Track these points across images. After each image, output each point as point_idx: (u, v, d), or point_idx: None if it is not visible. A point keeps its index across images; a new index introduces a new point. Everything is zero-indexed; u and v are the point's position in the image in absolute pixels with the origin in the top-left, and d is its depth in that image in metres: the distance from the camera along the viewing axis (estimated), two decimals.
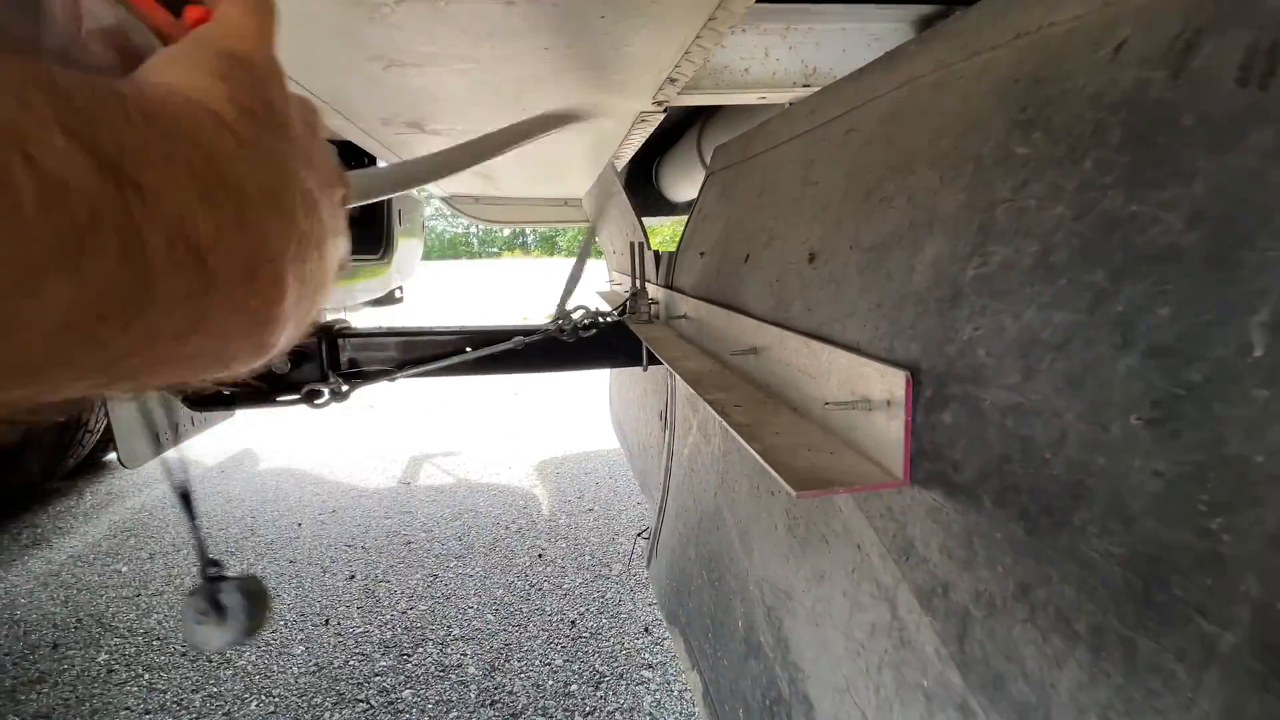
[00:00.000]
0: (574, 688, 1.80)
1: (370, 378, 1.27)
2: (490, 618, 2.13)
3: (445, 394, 5.14)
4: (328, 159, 0.29)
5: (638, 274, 1.37)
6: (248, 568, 2.46)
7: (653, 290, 1.38)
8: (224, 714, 1.71)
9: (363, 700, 1.76)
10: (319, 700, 1.76)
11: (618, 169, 1.92)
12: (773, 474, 0.48)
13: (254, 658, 1.94)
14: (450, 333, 1.29)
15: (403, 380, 1.29)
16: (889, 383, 0.48)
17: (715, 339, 0.94)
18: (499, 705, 1.73)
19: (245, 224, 0.22)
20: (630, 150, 1.69)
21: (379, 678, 1.85)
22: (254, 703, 1.75)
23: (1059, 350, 0.35)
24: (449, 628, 2.08)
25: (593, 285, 2.45)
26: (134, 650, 1.98)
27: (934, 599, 0.44)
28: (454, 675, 1.86)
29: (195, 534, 0.95)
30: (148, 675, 1.87)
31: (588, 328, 1.29)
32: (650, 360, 1.29)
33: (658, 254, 1.48)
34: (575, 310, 1.30)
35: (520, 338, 1.25)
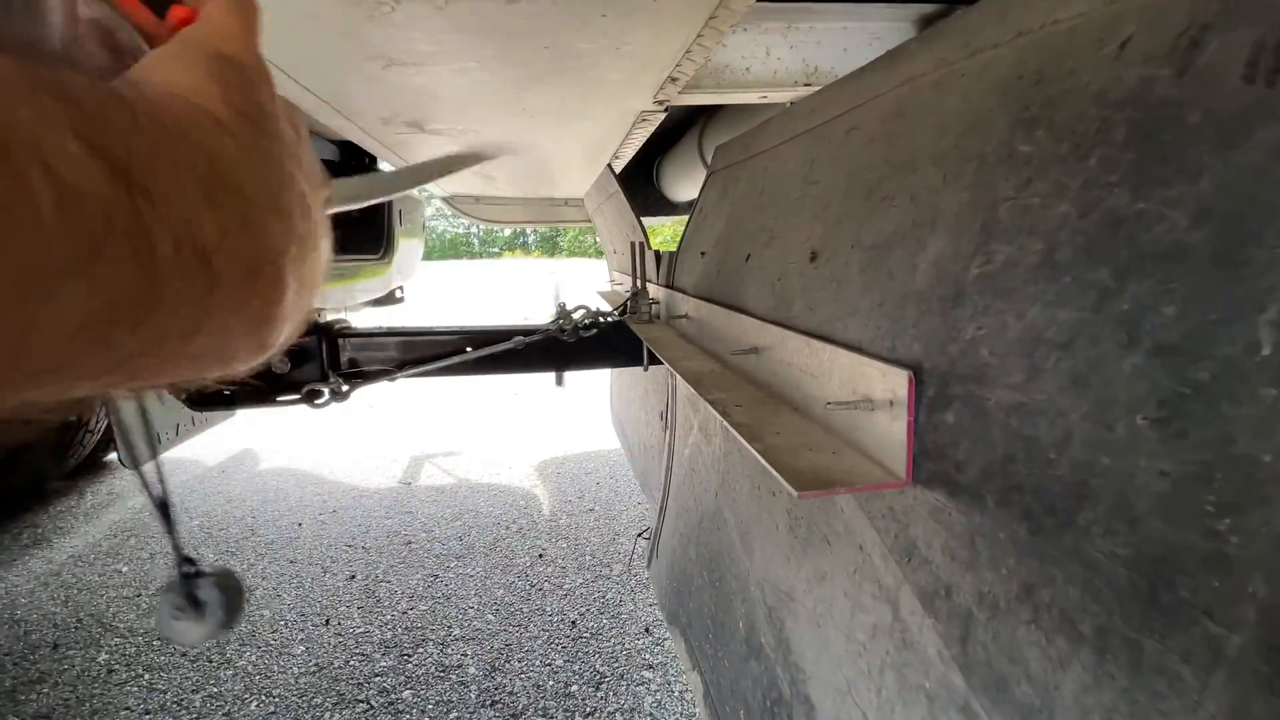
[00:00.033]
0: (574, 688, 1.80)
1: (370, 378, 1.27)
2: (491, 618, 2.13)
3: (446, 394, 5.14)
4: (313, 161, 0.29)
5: (638, 274, 1.37)
6: (248, 568, 2.46)
7: (653, 290, 1.38)
8: (224, 714, 1.71)
9: (363, 700, 1.76)
10: (319, 700, 1.76)
11: (619, 168, 1.92)
12: (774, 474, 0.48)
13: (254, 658, 1.93)
14: (450, 333, 1.29)
15: (403, 380, 1.29)
16: (891, 382, 0.48)
17: (716, 339, 0.94)
18: (499, 706, 1.73)
19: (248, 226, 0.23)
20: (631, 150, 1.69)
21: (379, 678, 1.85)
22: (254, 703, 1.75)
23: (1063, 349, 0.35)
24: (449, 628, 2.08)
25: (594, 285, 2.45)
26: (134, 650, 1.98)
27: (936, 600, 0.44)
28: (454, 675, 1.85)
29: (172, 537, 0.98)
30: (148, 675, 1.87)
31: (588, 328, 1.29)
32: (651, 360, 1.29)
33: (658, 254, 1.48)
34: (576, 310, 1.30)
35: (520, 338, 1.25)
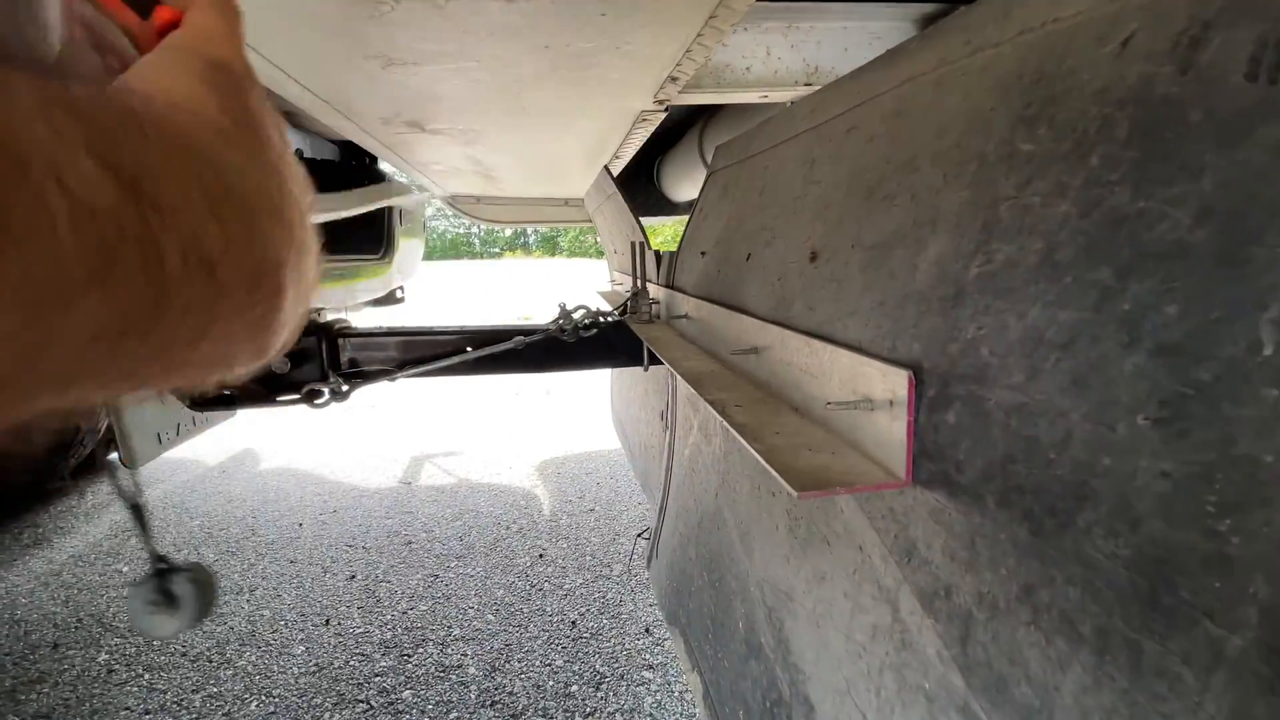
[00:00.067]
0: (574, 688, 1.80)
1: (370, 377, 1.27)
2: (491, 618, 2.13)
3: (446, 394, 5.14)
4: (299, 166, 0.30)
5: (638, 274, 1.37)
6: (248, 568, 2.46)
7: (654, 290, 1.37)
8: (224, 714, 1.71)
9: (363, 700, 1.76)
10: (319, 700, 1.75)
11: (619, 168, 1.91)
12: (774, 474, 0.48)
13: (254, 658, 1.93)
14: (451, 332, 1.29)
15: (403, 380, 1.29)
16: (891, 382, 0.48)
17: (716, 339, 0.94)
18: (499, 706, 1.73)
19: (252, 235, 0.23)
20: (631, 149, 1.69)
21: (379, 678, 1.84)
22: (254, 703, 1.75)
23: (1064, 349, 0.35)
24: (449, 628, 2.08)
25: (594, 285, 2.45)
26: (134, 650, 1.98)
27: (936, 601, 0.44)
28: (454, 676, 1.85)
29: (146, 540, 1.01)
30: (148, 675, 1.87)
31: (588, 328, 1.29)
32: (651, 360, 1.29)
33: (659, 254, 1.47)
34: (576, 310, 1.29)
35: (521, 338, 1.25)
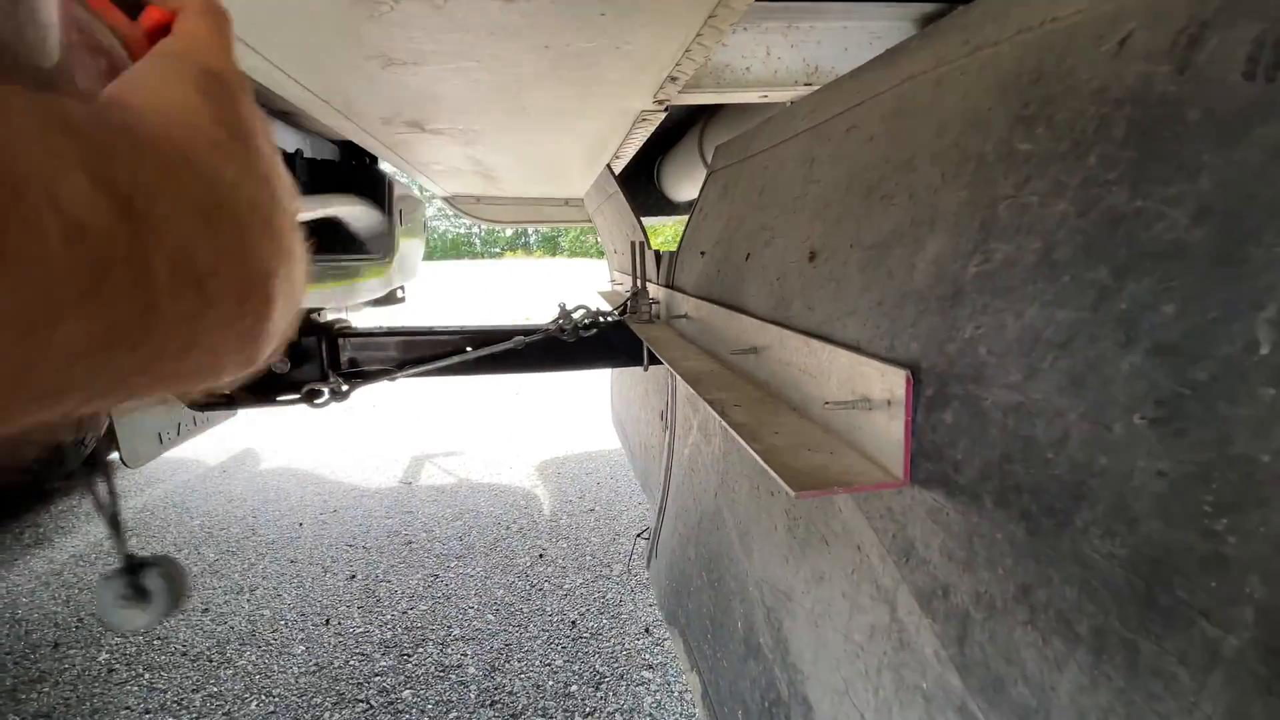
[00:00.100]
0: (574, 688, 1.80)
1: (370, 377, 1.27)
2: (491, 618, 2.13)
3: (446, 394, 5.14)
4: (285, 171, 0.30)
5: (638, 274, 1.37)
6: (248, 567, 2.46)
7: (654, 290, 1.37)
8: (224, 714, 1.71)
9: (363, 700, 1.76)
10: (319, 700, 1.76)
11: (619, 168, 1.91)
12: (771, 474, 0.48)
13: (254, 657, 1.94)
14: (451, 332, 1.29)
15: (403, 380, 1.29)
16: (889, 382, 0.48)
17: (716, 338, 0.94)
18: (499, 705, 1.73)
19: (242, 247, 0.23)
20: (631, 150, 1.69)
21: (379, 678, 1.85)
22: (254, 702, 1.75)
23: (1062, 348, 0.35)
24: (449, 628, 2.08)
25: (595, 285, 2.45)
26: (135, 650, 1.98)
27: (934, 600, 0.44)
28: (454, 675, 1.85)
29: (120, 543, 1.03)
30: (148, 675, 1.87)
31: (588, 327, 1.29)
32: (651, 360, 1.29)
33: (659, 254, 1.47)
34: (576, 310, 1.29)
35: (521, 337, 1.25)
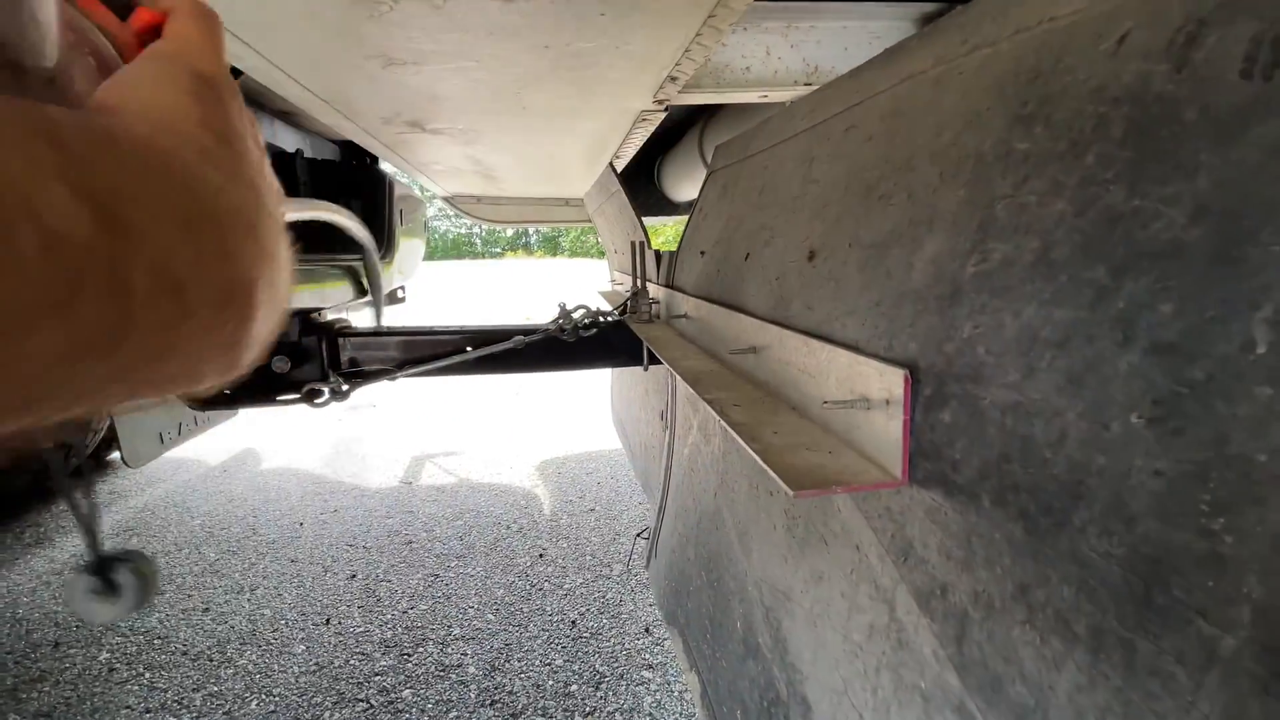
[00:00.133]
0: (574, 688, 1.80)
1: (371, 377, 1.27)
2: (491, 617, 2.13)
3: (447, 394, 5.14)
4: (272, 174, 0.30)
5: (638, 273, 1.37)
6: (249, 567, 2.47)
7: (654, 290, 1.37)
8: (224, 713, 1.71)
9: (363, 700, 1.76)
10: (319, 699, 1.76)
11: (620, 168, 1.91)
12: (770, 473, 0.48)
13: (255, 657, 1.94)
14: (451, 332, 1.29)
15: (404, 380, 1.29)
16: (888, 381, 0.48)
17: (716, 338, 0.94)
18: (499, 705, 1.73)
19: (223, 255, 0.23)
20: (631, 149, 1.69)
21: (379, 677, 1.85)
22: (254, 701, 1.75)
23: (1059, 348, 0.35)
24: (449, 627, 2.08)
25: (596, 285, 2.45)
26: (135, 649, 1.98)
27: (932, 600, 0.43)
28: (454, 675, 1.85)
29: (90, 537, 1.06)
30: (149, 674, 1.87)
31: (588, 327, 1.29)
32: (651, 360, 1.29)
33: (659, 253, 1.48)
34: (576, 310, 1.29)
35: (521, 337, 1.25)
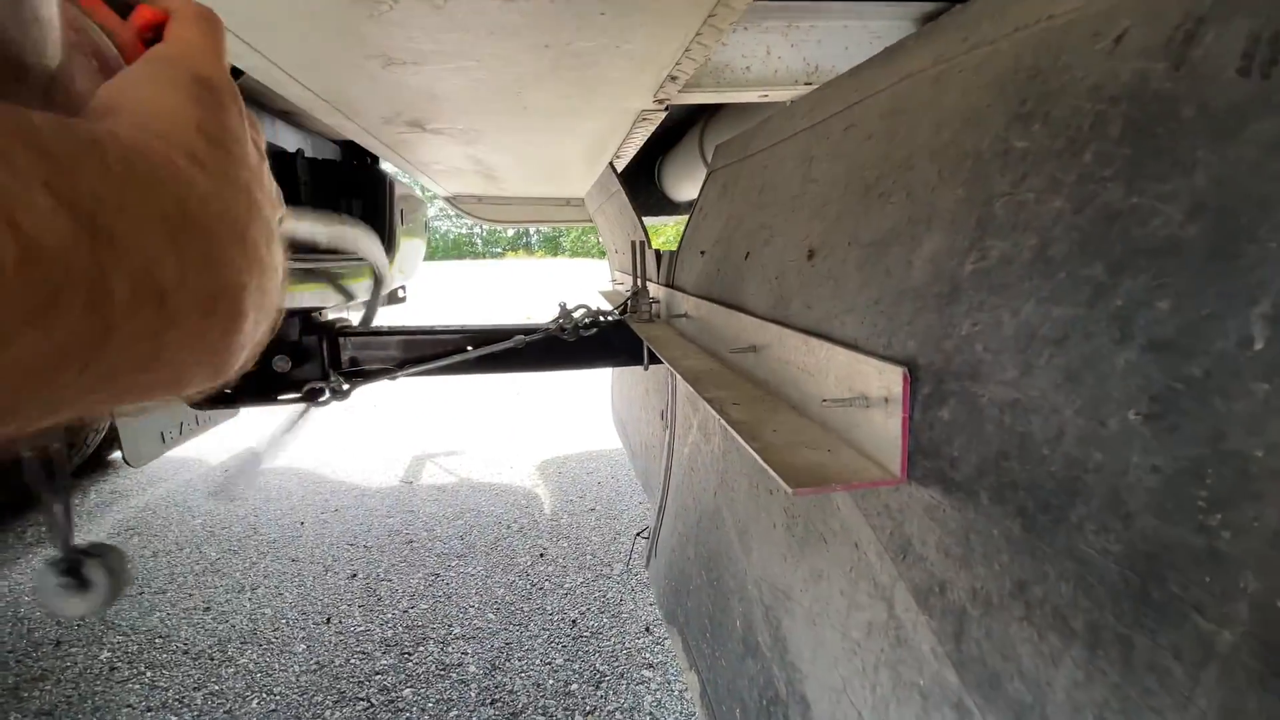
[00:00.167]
0: (574, 687, 1.80)
1: (371, 376, 1.27)
2: (491, 617, 2.13)
3: (447, 393, 5.14)
4: (271, 179, 0.29)
5: (639, 273, 1.37)
6: (250, 566, 2.47)
7: (654, 289, 1.37)
8: (225, 712, 1.71)
9: (363, 699, 1.76)
10: (320, 698, 1.76)
11: (620, 168, 1.92)
12: (770, 472, 0.48)
13: (255, 656, 1.94)
14: (451, 331, 1.29)
15: (404, 379, 1.29)
16: (886, 379, 0.48)
17: (716, 337, 0.94)
18: (499, 704, 1.73)
19: (210, 263, 0.23)
20: (632, 149, 1.69)
21: (380, 676, 1.85)
22: (255, 700, 1.75)
23: (1057, 345, 0.35)
24: (450, 626, 2.08)
25: (596, 285, 2.45)
26: (136, 648, 1.98)
27: (931, 597, 0.44)
28: (454, 674, 1.85)
29: (63, 530, 1.09)
30: (150, 673, 1.87)
31: (589, 327, 1.29)
32: (651, 359, 1.29)
33: (659, 253, 1.48)
34: (576, 309, 1.30)
35: (521, 337, 1.25)
